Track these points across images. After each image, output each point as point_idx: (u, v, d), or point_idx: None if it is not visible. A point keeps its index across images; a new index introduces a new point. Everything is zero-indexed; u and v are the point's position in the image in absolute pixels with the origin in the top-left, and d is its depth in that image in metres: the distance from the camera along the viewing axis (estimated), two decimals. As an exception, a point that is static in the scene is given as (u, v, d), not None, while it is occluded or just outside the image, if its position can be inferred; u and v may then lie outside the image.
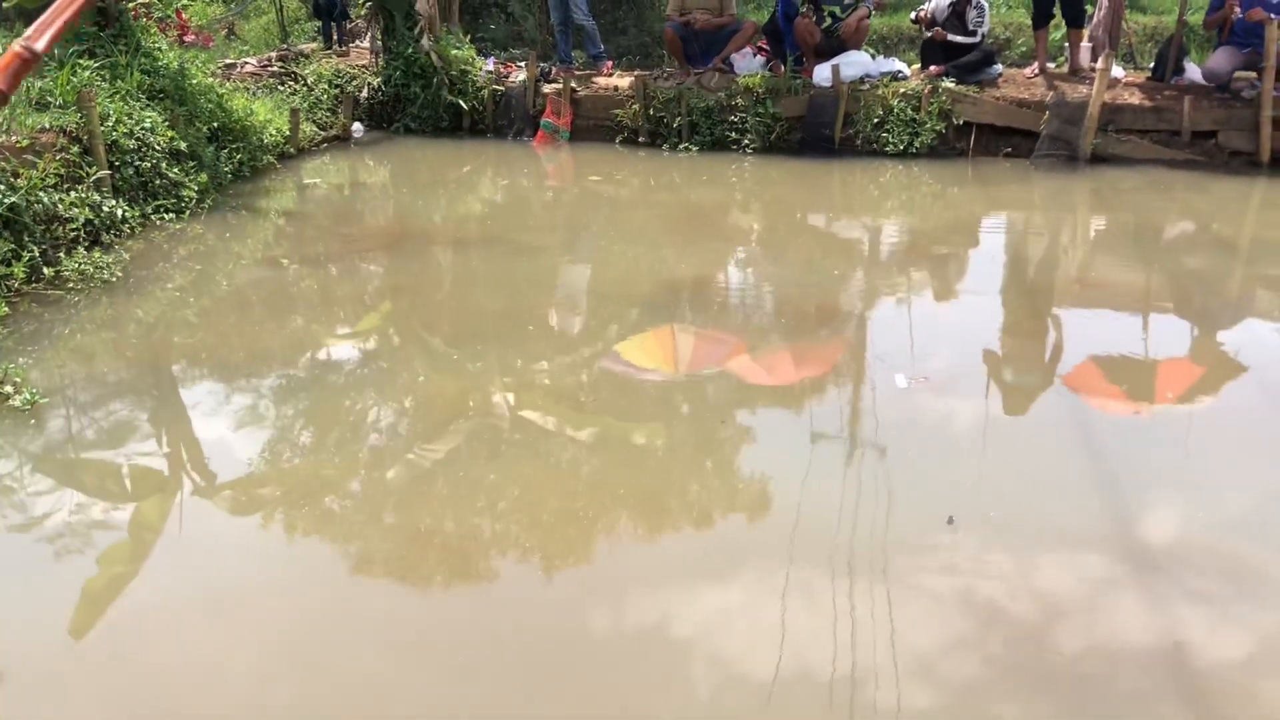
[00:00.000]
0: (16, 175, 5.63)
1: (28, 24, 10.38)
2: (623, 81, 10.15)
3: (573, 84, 10.11)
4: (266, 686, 2.61)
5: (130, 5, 7.85)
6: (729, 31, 10.05)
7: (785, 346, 5.07)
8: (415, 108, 10.45)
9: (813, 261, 6.59)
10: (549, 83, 10.35)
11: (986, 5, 9.49)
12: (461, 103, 10.33)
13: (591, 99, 10.12)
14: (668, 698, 2.56)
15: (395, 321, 5.46)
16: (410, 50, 10.36)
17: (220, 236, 6.83)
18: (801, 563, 3.09)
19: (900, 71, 9.49)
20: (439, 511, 3.45)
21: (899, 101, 9.15)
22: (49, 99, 6.68)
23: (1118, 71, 9.21)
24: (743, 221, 7.80)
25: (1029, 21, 14.32)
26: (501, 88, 10.46)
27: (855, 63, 9.41)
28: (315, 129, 9.86)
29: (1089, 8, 9.91)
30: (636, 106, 9.81)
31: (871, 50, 10.20)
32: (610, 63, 10.84)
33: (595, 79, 10.32)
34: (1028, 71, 9.57)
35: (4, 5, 10.12)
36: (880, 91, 9.24)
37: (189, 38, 10.68)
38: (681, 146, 9.60)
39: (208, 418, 4.19)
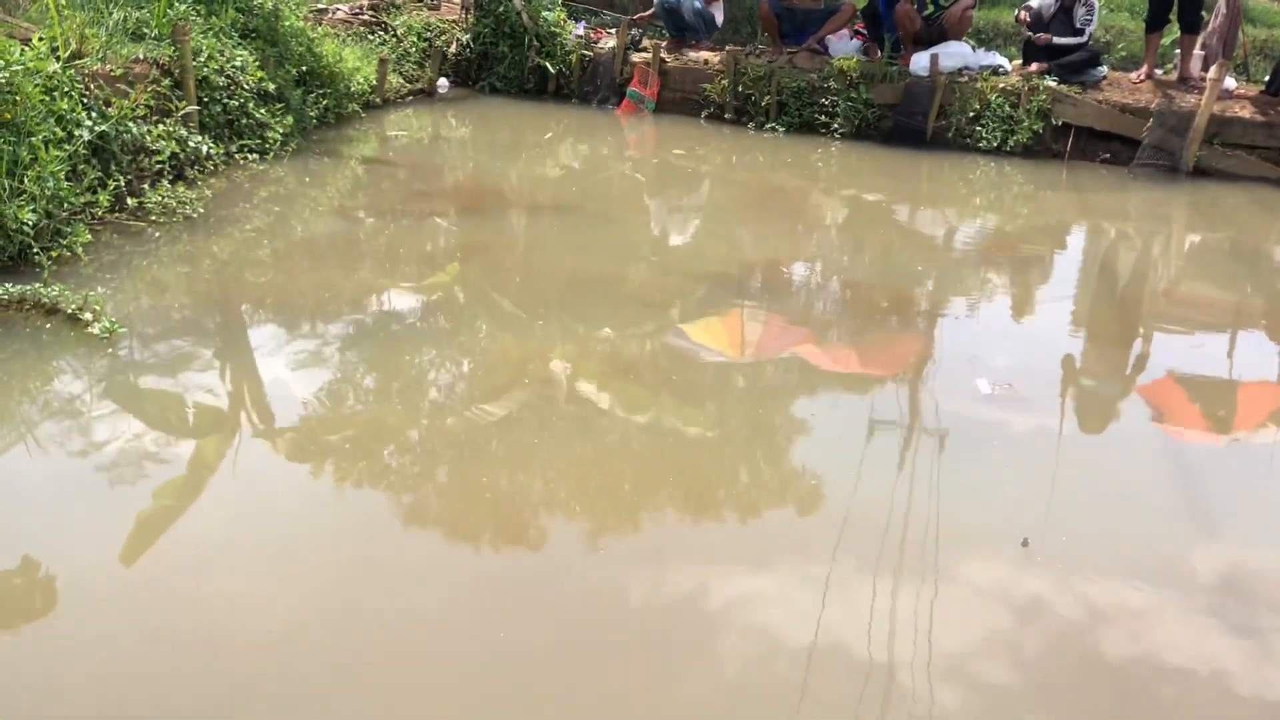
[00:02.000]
0: (108, 104, 5.69)
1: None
2: (713, 56, 10.00)
3: (662, 55, 9.98)
4: (305, 621, 2.63)
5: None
6: (826, 12, 9.83)
7: (855, 339, 4.94)
8: (502, 67, 10.41)
9: (892, 254, 6.43)
10: (639, 51, 10.23)
11: (1096, 4, 9.16)
12: (548, 65, 10.26)
13: (680, 71, 9.98)
14: (695, 673, 2.52)
15: (464, 280, 5.43)
16: (501, 9, 10.31)
17: (301, 181, 6.86)
18: (848, 558, 3.00)
19: (1000, 66, 9.21)
20: (489, 471, 3.42)
21: (997, 97, 8.89)
22: (144, 30, 6.73)
23: (1230, 83, 8.83)
24: (823, 207, 7.64)
25: (1131, 24, 13.84)
26: (590, 53, 10.37)
27: (955, 53, 9.15)
28: (402, 81, 9.87)
29: (1205, 14, 9.51)
30: (725, 82, 9.65)
31: (972, 42, 9.91)
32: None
33: (686, 51, 10.18)
34: (1134, 76, 9.22)
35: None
36: (978, 85, 8.98)
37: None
38: (768, 126, 9.43)
39: (272, 359, 4.20)
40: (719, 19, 10.41)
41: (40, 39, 5.60)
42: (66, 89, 5.35)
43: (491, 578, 2.89)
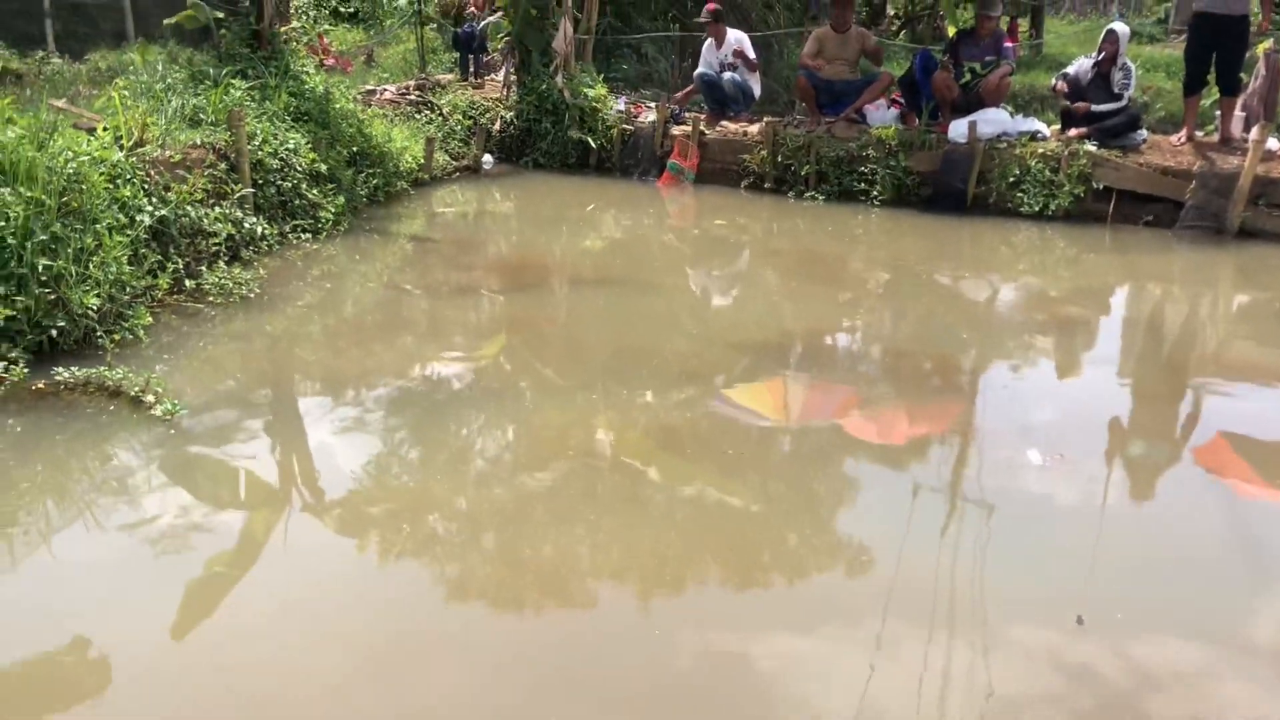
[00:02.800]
0: (168, 189, 5.90)
1: (182, 42, 10.97)
2: (752, 127, 10.15)
3: (702, 127, 10.16)
4: (352, 692, 2.67)
5: (283, 29, 8.20)
6: (863, 81, 9.97)
7: (900, 405, 4.94)
8: (545, 143, 10.64)
9: (935, 319, 6.44)
10: (678, 124, 10.42)
11: (1133, 67, 9.20)
12: (590, 140, 10.48)
13: (720, 143, 10.14)
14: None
15: (508, 352, 5.52)
16: (544, 86, 10.58)
17: (352, 259, 7.03)
18: (895, 627, 2.99)
19: (1039, 132, 9.25)
20: (534, 542, 3.46)
21: (1037, 162, 8.92)
22: (201, 116, 6.99)
23: (1273, 144, 8.79)
24: (865, 273, 7.68)
25: (1168, 84, 13.83)
26: (630, 127, 10.58)
27: (993, 120, 9.22)
28: (448, 158, 10.12)
29: (1244, 76, 9.52)
30: (765, 152, 9.79)
31: (1010, 108, 9.98)
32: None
33: (724, 123, 10.35)
34: (1175, 139, 9.21)
35: (164, 23, 10.71)
36: (1018, 151, 9.02)
37: (329, 62, 11.14)
38: (808, 195, 9.53)
39: (322, 433, 4.29)
40: (757, 91, 10.59)
41: (104, 129, 5.84)
42: (129, 176, 5.57)
43: (536, 648, 2.91)
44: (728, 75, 10.34)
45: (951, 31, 11.97)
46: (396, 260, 7.21)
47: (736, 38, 10.35)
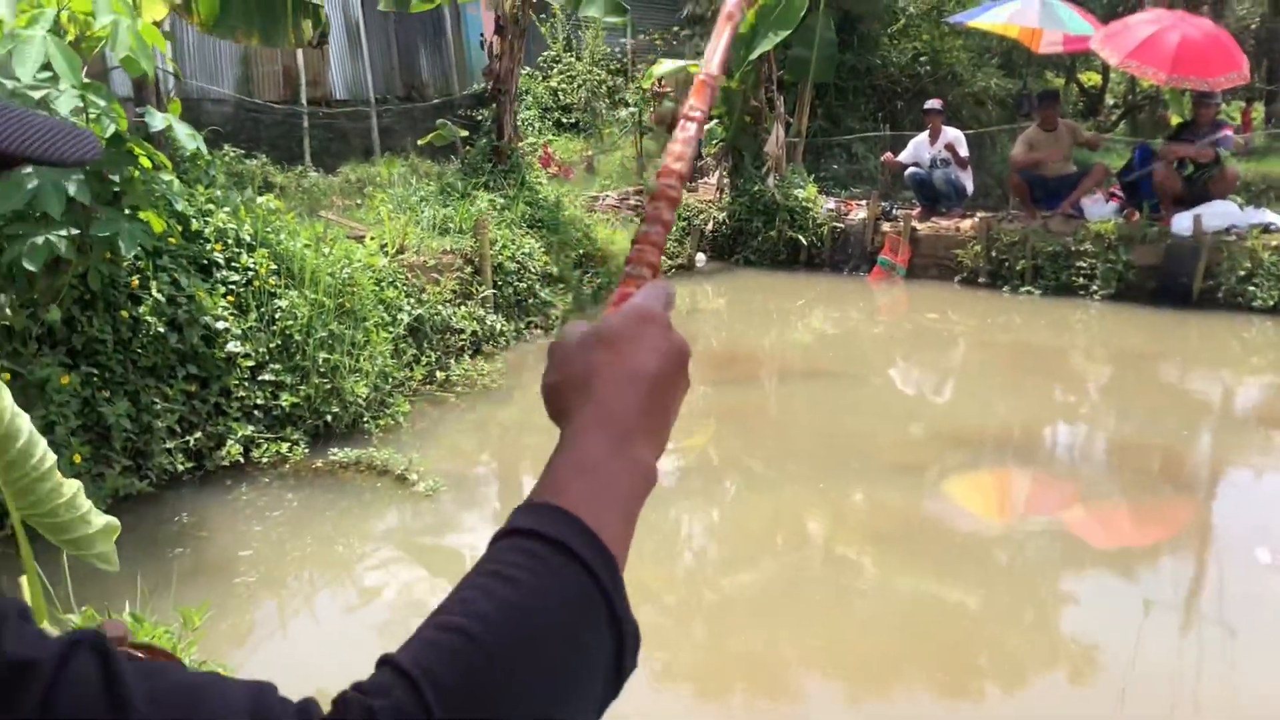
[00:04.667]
0: (423, 290, 6.58)
1: (423, 155, 12.06)
2: (964, 222, 10.20)
3: (913, 223, 10.29)
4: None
5: (524, 146, 8.98)
6: (1078, 174, 9.88)
7: (1126, 503, 4.88)
8: (756, 241, 11.03)
9: (1161, 416, 6.28)
10: (889, 221, 10.59)
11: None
12: (801, 238, 10.79)
13: (932, 238, 10.23)
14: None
15: (718, 442, 5.78)
16: (756, 188, 11.01)
17: (577, 352, 7.54)
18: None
19: (1272, 224, 8.88)
20: (740, 633, 3.60)
21: (1270, 255, 8.56)
22: (450, 225, 7.75)
23: None
24: (1085, 369, 7.56)
25: None
26: (840, 224, 10.83)
27: (1221, 213, 8.92)
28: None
29: None
30: (978, 247, 9.81)
31: (1239, 199, 9.63)
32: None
33: (936, 218, 10.45)
34: None
35: (414, 141, 11.82)
36: (1249, 243, 8.69)
37: (552, 170, 11.96)
38: (1023, 289, 9.46)
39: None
40: (969, 187, 10.65)
41: (372, 238, 6.60)
42: (391, 279, 6.27)
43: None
44: (939, 172, 10.47)
45: (1174, 121, 11.70)
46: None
47: (952, 135, 10.49)
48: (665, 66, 12.13)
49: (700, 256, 11.22)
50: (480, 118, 12.22)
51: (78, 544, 1.86)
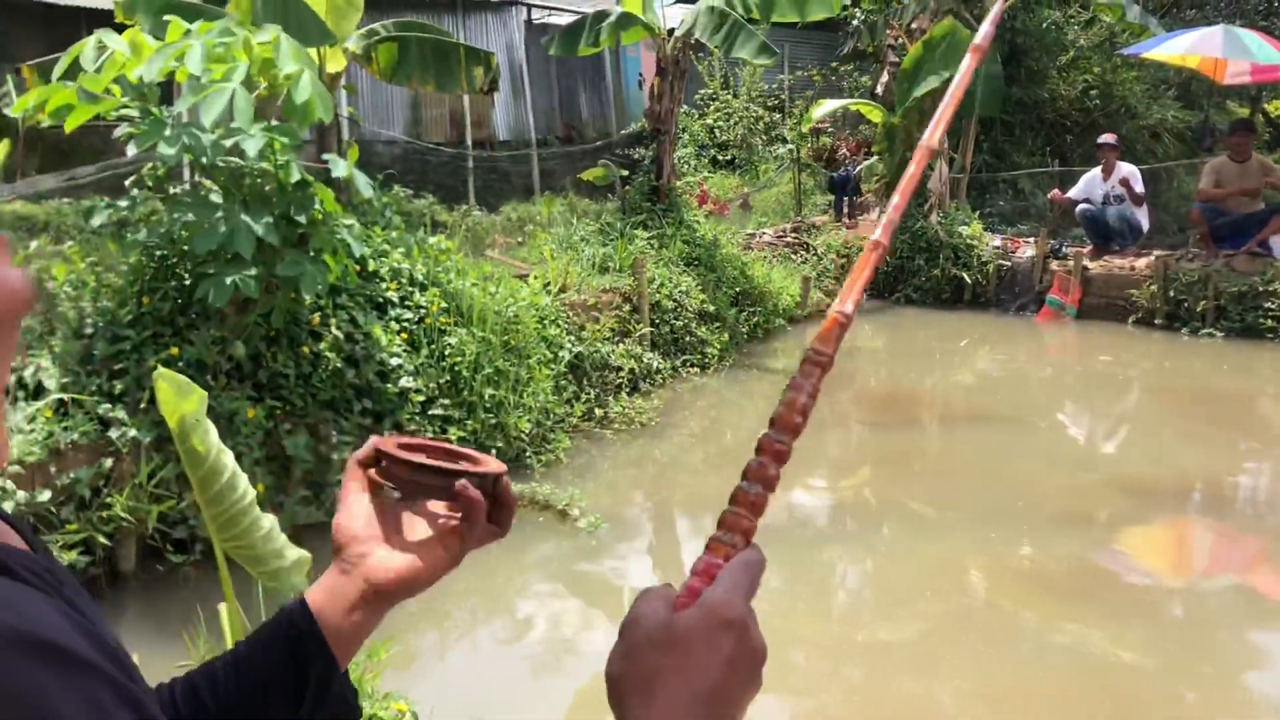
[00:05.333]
0: (582, 328, 6.73)
1: (580, 194, 12.33)
2: (1140, 261, 9.75)
3: (1085, 262, 9.90)
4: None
5: (681, 184, 9.10)
6: (1266, 212, 9.31)
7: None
8: (918, 279, 10.81)
9: (1362, 471, 5.83)
10: (1058, 259, 10.22)
11: None
12: (965, 275, 10.52)
13: (1104, 278, 9.81)
14: None
15: (876, 486, 5.67)
16: (918, 225, 10.81)
17: (734, 391, 7.56)
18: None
19: None
20: (899, 681, 3.53)
21: None
22: (609, 264, 7.90)
23: None
24: (1273, 416, 7.09)
25: None
26: (1007, 262, 10.51)
27: None
28: (822, 295, 10.55)
29: None
30: (1154, 287, 9.35)
31: None
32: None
33: (1108, 257, 10.02)
34: None
35: (574, 179, 12.09)
36: None
37: (708, 207, 12.03)
38: (1204, 331, 8.96)
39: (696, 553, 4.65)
40: (1145, 225, 10.18)
41: (535, 277, 6.79)
42: (554, 317, 6.43)
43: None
44: (1113, 209, 10.06)
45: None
46: (773, 393, 7.62)
47: (1127, 170, 10.07)
48: (825, 107, 12.09)
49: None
50: (638, 156, 12.46)
51: (273, 575, 1.98)
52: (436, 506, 0.79)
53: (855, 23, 13.97)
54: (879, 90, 12.50)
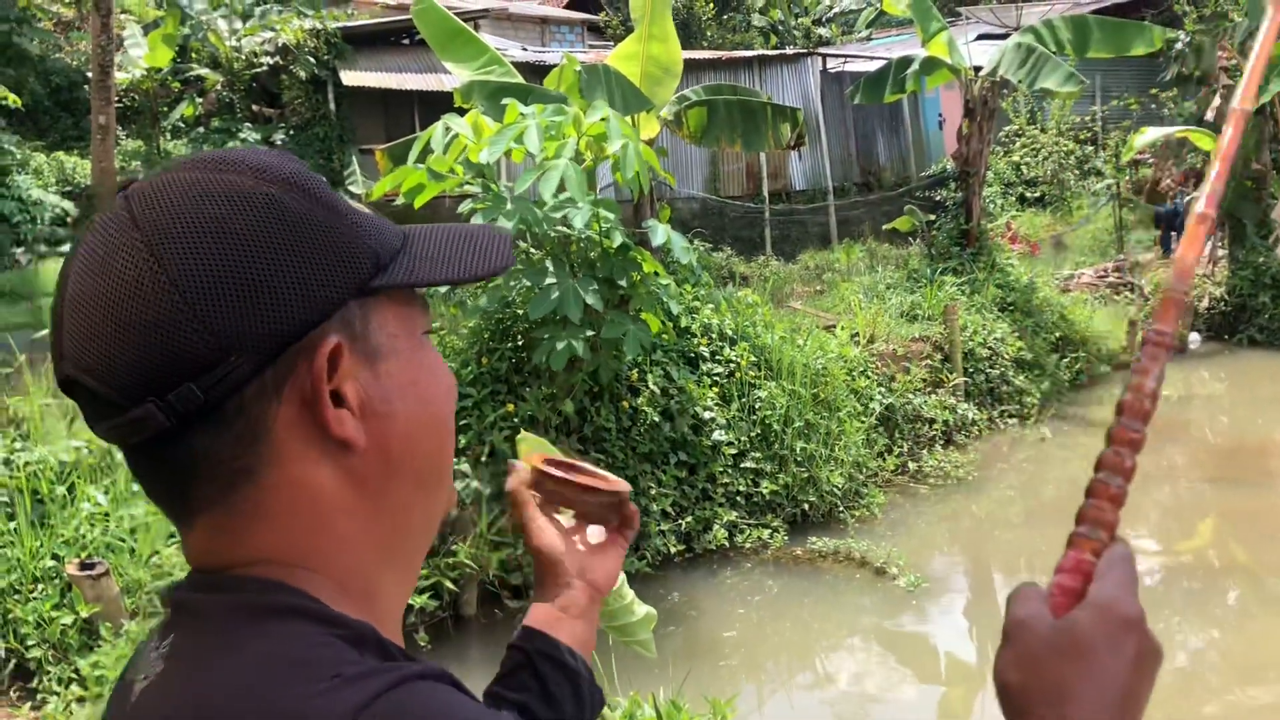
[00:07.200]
0: (892, 379, 6.59)
1: (880, 240, 12.10)
2: None
3: None
4: None
5: (990, 226, 8.76)
6: None
7: None
8: (1262, 318, 9.78)
9: None
10: None
11: None
12: (1321, 313, 9.40)
13: None
14: None
15: (1219, 545, 5.16)
16: (1261, 259, 9.80)
17: (1053, 443, 7.12)
18: None
19: None
20: None
21: None
22: (917, 312, 7.71)
23: None
24: None
25: None
26: (1375, 298, 9.30)
27: None
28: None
29: None
30: None
31: None
32: None
33: None
34: None
35: (883, 227, 11.92)
36: None
37: (1015, 246, 11.47)
38: None
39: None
40: None
41: (842, 327, 6.75)
42: (863, 368, 6.35)
43: None
44: None
45: None
46: (1096, 443, 7.10)
47: None
48: (1148, 136, 11.28)
49: (1194, 336, 10.15)
50: (940, 199, 12.12)
51: (623, 630, 2.06)
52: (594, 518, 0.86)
53: (1179, 46, 12.95)
54: (1209, 115, 11.50)
